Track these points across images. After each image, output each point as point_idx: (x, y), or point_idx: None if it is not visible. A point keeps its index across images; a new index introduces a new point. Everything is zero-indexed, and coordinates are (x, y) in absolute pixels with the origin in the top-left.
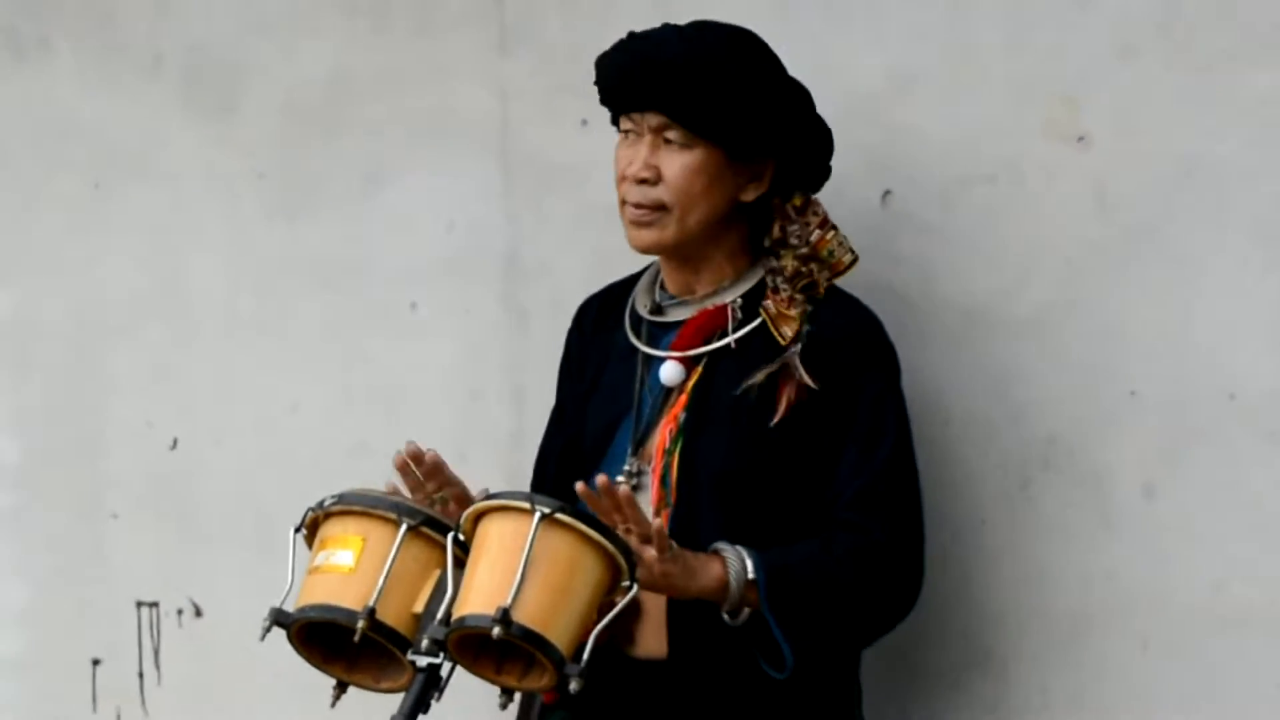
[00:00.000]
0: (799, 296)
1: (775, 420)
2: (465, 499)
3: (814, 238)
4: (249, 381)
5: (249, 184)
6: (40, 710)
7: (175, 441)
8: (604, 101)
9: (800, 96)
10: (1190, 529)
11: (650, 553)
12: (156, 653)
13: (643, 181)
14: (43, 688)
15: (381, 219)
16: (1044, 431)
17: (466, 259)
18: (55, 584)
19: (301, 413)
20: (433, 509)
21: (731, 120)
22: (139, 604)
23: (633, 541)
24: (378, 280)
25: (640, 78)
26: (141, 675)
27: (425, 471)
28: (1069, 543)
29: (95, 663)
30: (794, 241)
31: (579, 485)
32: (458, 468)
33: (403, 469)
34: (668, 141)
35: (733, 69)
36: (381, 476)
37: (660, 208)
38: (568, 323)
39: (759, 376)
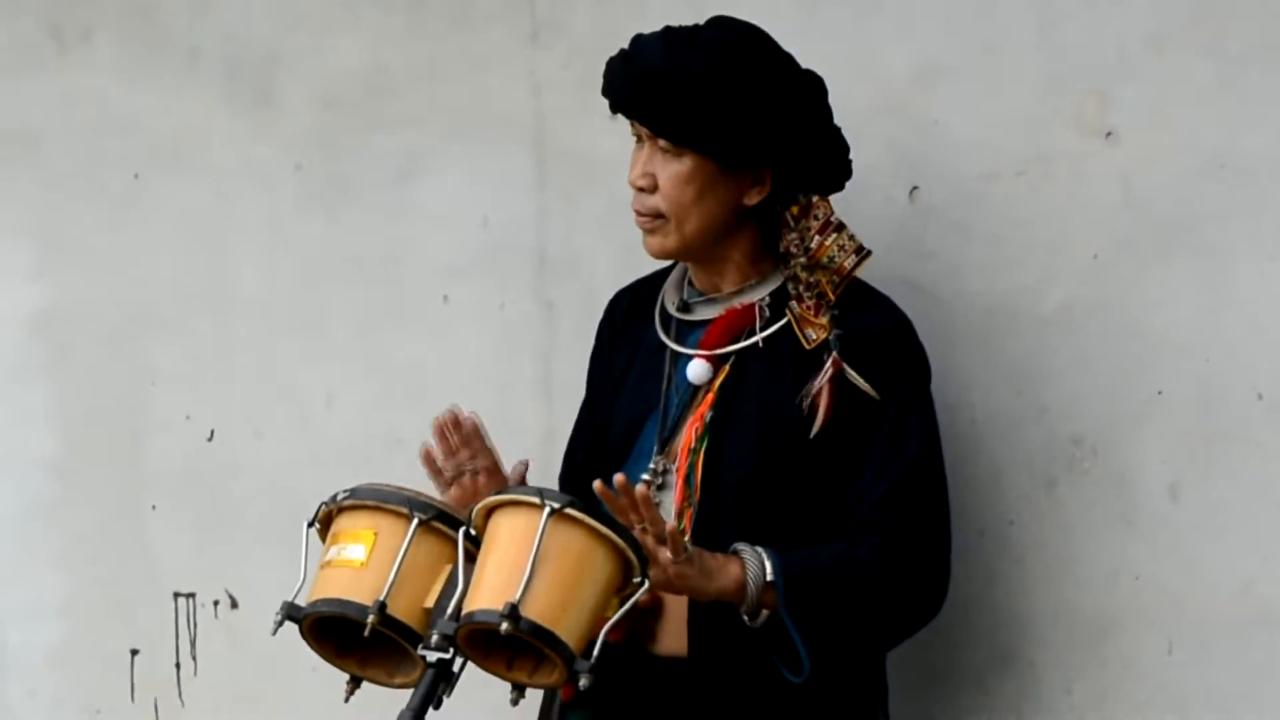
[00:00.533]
0: (822, 304)
1: (815, 431)
2: (495, 471)
3: (813, 245)
4: (285, 374)
5: (286, 177)
6: (80, 701)
7: (212, 434)
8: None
9: (802, 102)
10: (1217, 529)
11: (665, 554)
12: (193, 644)
13: (641, 190)
14: (82, 678)
15: (416, 213)
16: (1070, 431)
17: (499, 253)
18: (95, 575)
19: (336, 406)
20: (461, 477)
21: (711, 133)
22: (176, 595)
23: (648, 542)
24: (412, 274)
25: (621, 90)
26: (178, 666)
27: (462, 437)
28: (1095, 543)
29: (134, 653)
30: (794, 251)
31: (597, 484)
32: None
33: (439, 433)
34: (662, 149)
35: (713, 78)
36: (415, 469)
37: (659, 215)
38: (598, 317)
39: (815, 388)
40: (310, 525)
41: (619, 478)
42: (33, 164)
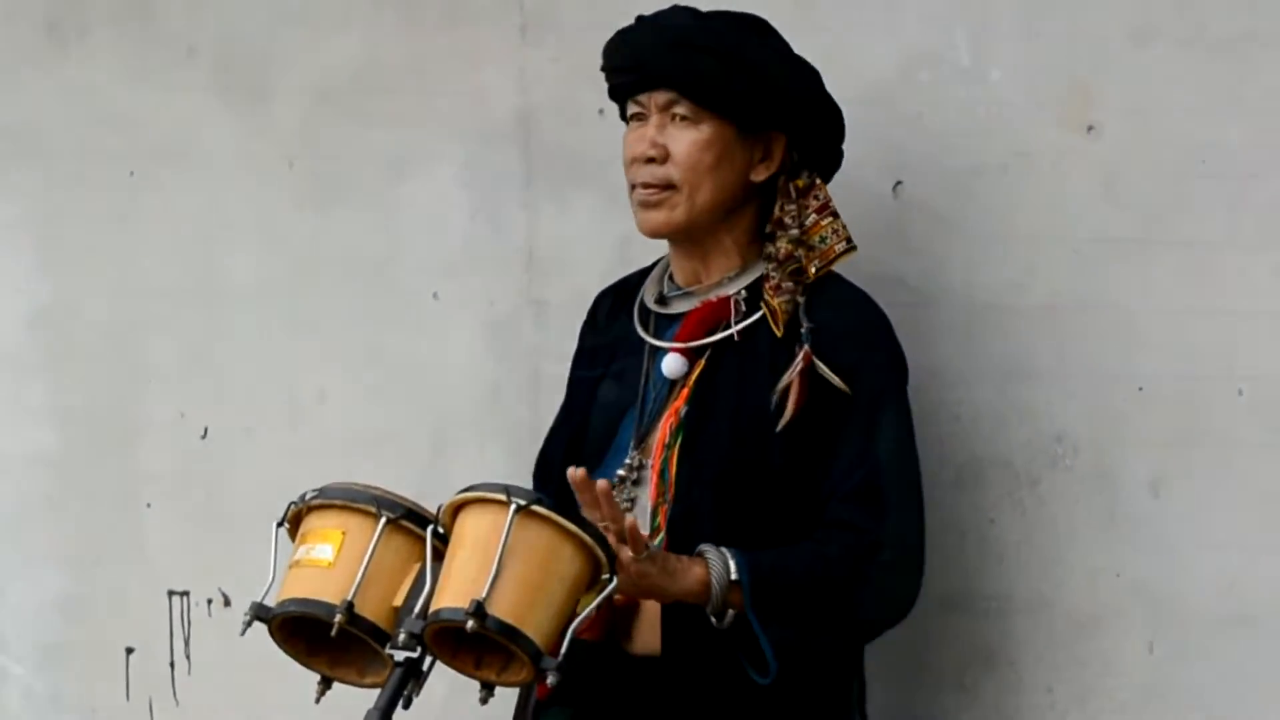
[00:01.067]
0: (787, 284)
1: (783, 424)
2: (630, 535)
3: (809, 221)
4: (278, 372)
5: (280, 173)
6: (76, 699)
7: (206, 431)
8: (612, 88)
9: (810, 74)
10: (1199, 527)
11: (626, 553)
12: (187, 642)
13: (651, 160)
14: (78, 676)
15: (406, 209)
16: (1052, 428)
17: (488, 249)
18: (90, 573)
19: (328, 402)
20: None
21: (740, 91)
22: (170, 593)
23: (610, 540)
24: (402, 271)
25: (648, 54)
26: (173, 665)
27: (591, 499)
28: (1076, 541)
29: (129, 651)
30: (788, 222)
31: (571, 470)
32: (476, 458)
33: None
34: (676, 119)
35: (740, 42)
36: (405, 466)
37: (669, 186)
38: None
39: (785, 383)
40: (280, 525)
41: (579, 471)
42: (28, 161)
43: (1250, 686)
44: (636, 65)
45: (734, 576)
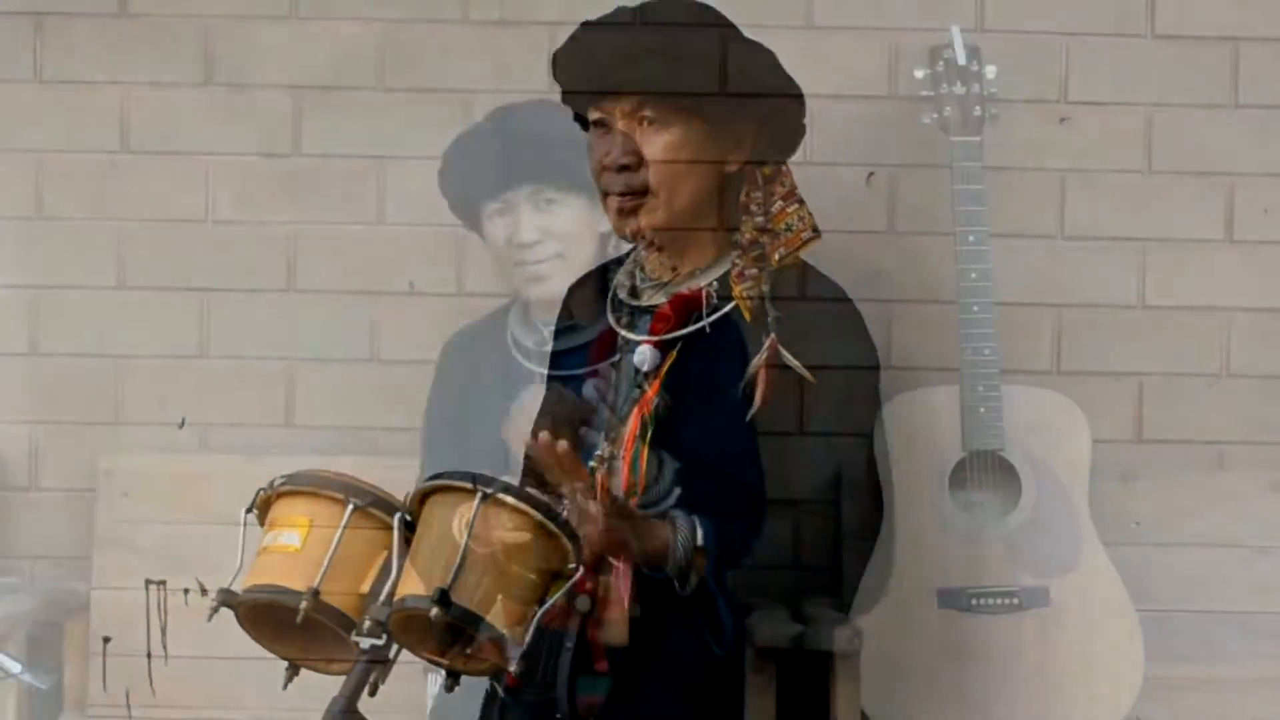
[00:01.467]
0: (751, 270)
1: (752, 414)
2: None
3: (774, 208)
4: (256, 361)
5: (262, 165)
6: (53, 689)
7: (184, 421)
8: (568, 95)
9: (767, 55)
10: (1172, 516)
11: (593, 507)
12: (164, 632)
13: (625, 169)
14: (55, 666)
15: (385, 198)
16: (1026, 418)
17: (468, 242)
18: (67, 562)
19: (306, 392)
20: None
21: (705, 87)
22: (148, 583)
23: (578, 500)
24: (383, 263)
25: (608, 63)
26: (149, 655)
27: (555, 463)
28: (1061, 535)
29: (105, 641)
30: (754, 209)
31: (542, 436)
32: (456, 451)
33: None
34: (644, 122)
35: (697, 38)
36: (385, 457)
37: (645, 192)
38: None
39: (752, 371)
40: (248, 511)
41: (544, 436)
42: (11, 151)
43: (1226, 677)
44: (596, 75)
45: (700, 543)
